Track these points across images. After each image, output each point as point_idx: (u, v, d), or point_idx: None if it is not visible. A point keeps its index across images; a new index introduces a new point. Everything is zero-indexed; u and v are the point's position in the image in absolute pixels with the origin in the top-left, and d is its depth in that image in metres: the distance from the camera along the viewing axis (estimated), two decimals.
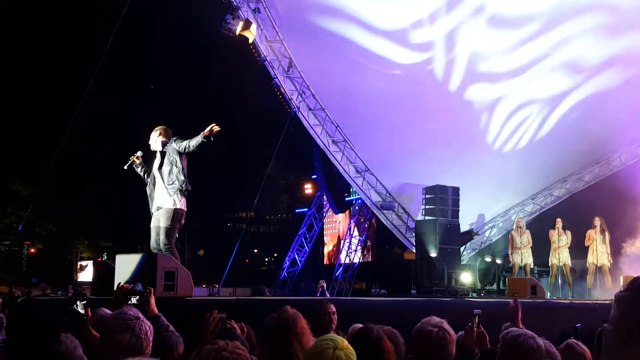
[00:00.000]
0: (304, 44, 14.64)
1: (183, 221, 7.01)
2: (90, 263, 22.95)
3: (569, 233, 12.82)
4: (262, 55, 14.29)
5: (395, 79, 14.70)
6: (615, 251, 12.71)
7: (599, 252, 12.50)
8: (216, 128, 6.65)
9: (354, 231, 24.70)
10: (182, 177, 6.84)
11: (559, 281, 12.99)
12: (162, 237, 6.78)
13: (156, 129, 7.09)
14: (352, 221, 25.10)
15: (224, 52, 16.91)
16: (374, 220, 23.90)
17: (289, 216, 40.05)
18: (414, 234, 15.49)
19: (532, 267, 13.08)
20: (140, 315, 2.89)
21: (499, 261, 14.17)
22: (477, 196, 15.48)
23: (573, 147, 15.45)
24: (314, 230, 27.10)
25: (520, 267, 12.98)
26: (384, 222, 16.81)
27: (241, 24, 13.31)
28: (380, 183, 16.22)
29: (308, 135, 15.58)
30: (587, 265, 12.70)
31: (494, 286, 13.70)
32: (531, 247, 13.02)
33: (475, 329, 3.22)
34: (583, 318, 5.22)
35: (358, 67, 14.61)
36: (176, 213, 6.83)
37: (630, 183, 14.40)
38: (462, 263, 14.83)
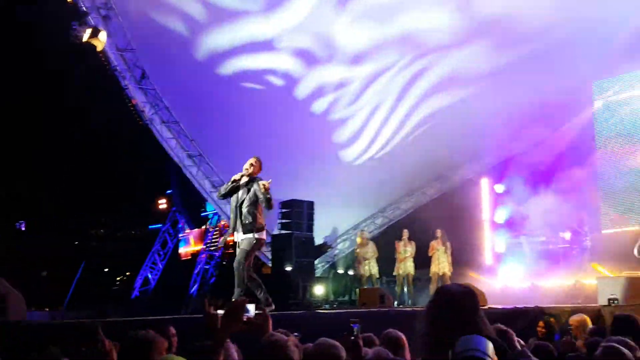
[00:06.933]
0: (159, 54, 14.24)
1: (262, 248, 7.86)
2: None
3: (413, 244, 13.56)
4: (112, 65, 13.71)
5: (249, 92, 14.73)
6: (455, 260, 13.62)
7: (441, 261, 13.34)
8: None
9: (209, 247, 24.30)
10: (259, 222, 7.27)
11: (405, 290, 13.65)
12: (239, 256, 7.25)
13: (253, 160, 7.42)
14: (208, 236, 24.67)
15: (71, 61, 15.98)
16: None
17: (142, 232, 38.48)
18: (270, 249, 15.53)
19: (377, 277, 13.63)
20: None
21: (350, 272, 14.63)
22: (330, 210, 15.86)
23: (418, 163, 16.29)
24: (168, 246, 26.29)
25: (367, 278, 13.49)
26: None
27: (89, 31, 12.70)
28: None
29: (162, 148, 15.13)
30: (430, 274, 13.48)
31: (346, 297, 14.10)
32: (376, 258, 13.57)
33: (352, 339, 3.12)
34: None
35: (214, 80, 14.46)
36: (258, 243, 7.34)
37: (465, 199, 15.55)
38: (316, 276, 15.10)
